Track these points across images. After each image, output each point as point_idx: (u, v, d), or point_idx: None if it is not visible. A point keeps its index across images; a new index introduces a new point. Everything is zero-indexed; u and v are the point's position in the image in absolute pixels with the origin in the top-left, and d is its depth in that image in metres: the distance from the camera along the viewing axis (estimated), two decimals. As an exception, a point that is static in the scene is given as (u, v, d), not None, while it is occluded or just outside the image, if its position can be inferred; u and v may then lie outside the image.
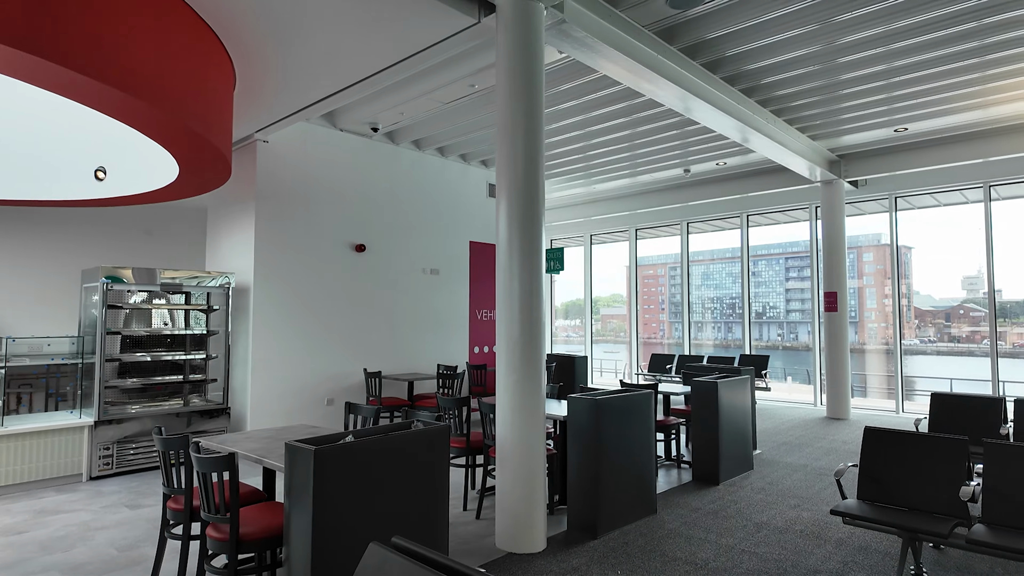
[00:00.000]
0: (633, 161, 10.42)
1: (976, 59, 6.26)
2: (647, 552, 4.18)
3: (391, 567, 1.76)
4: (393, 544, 1.80)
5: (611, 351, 17.36)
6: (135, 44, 3.72)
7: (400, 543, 1.79)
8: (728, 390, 6.17)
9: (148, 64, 3.81)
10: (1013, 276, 10.72)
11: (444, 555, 1.66)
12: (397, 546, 1.80)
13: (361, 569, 1.81)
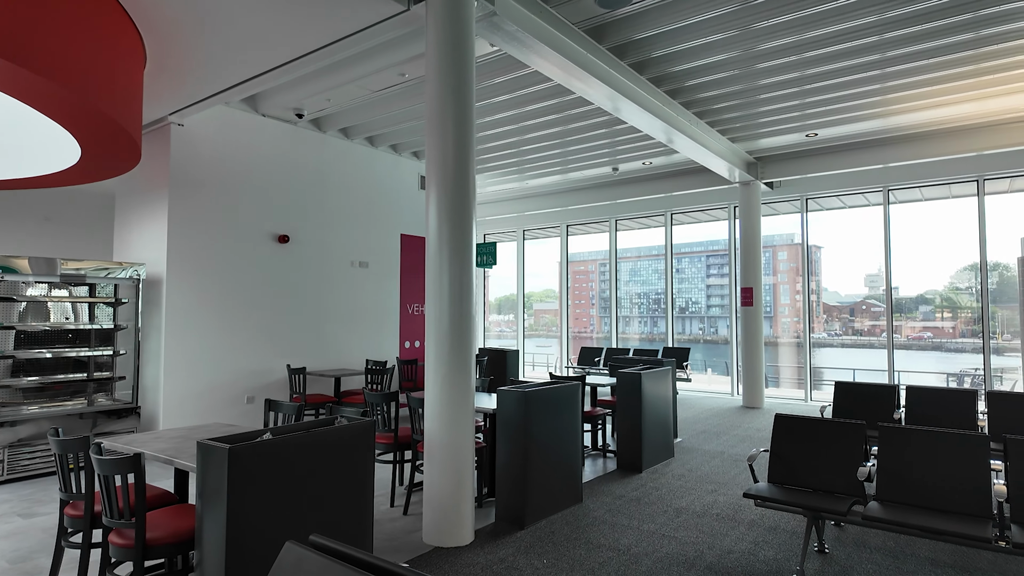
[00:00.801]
0: (565, 158, 10.57)
1: (877, 71, 6.74)
2: (572, 540, 4.27)
3: (308, 565, 1.71)
4: (311, 542, 1.75)
5: (543, 345, 17.59)
6: (30, 14, 3.40)
7: (318, 540, 1.74)
8: (651, 381, 6.38)
9: (45, 36, 3.50)
10: (908, 274, 11.70)
11: (365, 551, 1.62)
12: (315, 544, 1.74)
13: (276, 569, 1.74)
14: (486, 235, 15.51)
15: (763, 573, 3.74)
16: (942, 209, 10.85)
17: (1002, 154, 8.98)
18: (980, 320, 9.78)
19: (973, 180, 9.52)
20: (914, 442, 3.81)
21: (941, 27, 5.71)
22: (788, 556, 4.01)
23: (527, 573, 3.73)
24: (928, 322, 19.77)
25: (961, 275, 13.20)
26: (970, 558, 3.99)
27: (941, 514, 3.46)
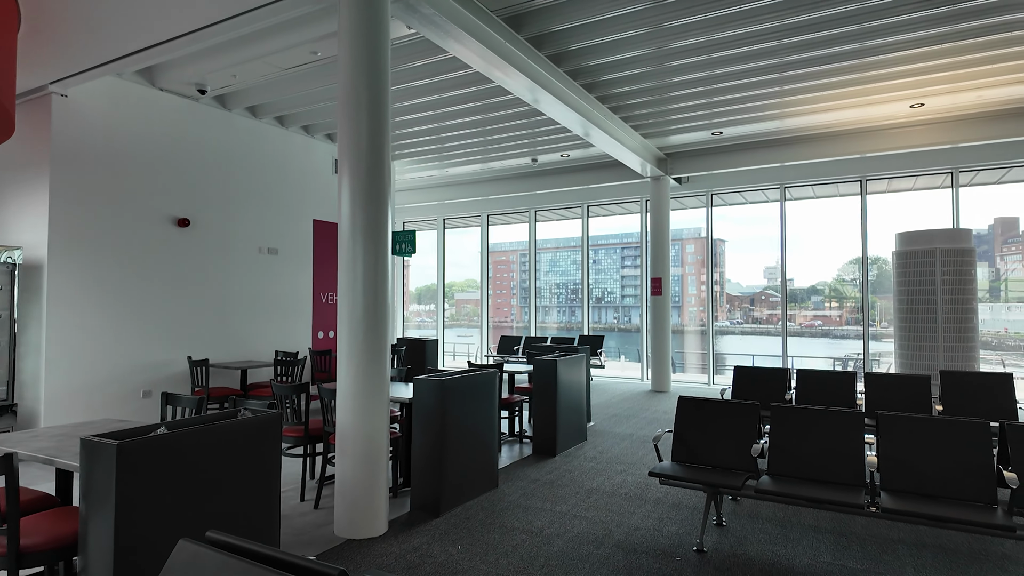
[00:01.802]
0: (485, 147, 10.56)
1: (776, 74, 7.20)
2: (487, 525, 4.32)
3: (204, 563, 1.63)
4: (208, 539, 1.67)
5: (465, 335, 17.58)
6: None
7: (215, 537, 1.66)
8: (566, 368, 6.54)
9: None
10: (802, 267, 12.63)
11: (267, 545, 1.57)
12: (212, 540, 1.66)
13: (168, 569, 1.65)
14: (405, 223, 15.26)
15: (667, 548, 3.95)
16: (831, 207, 11.81)
17: (882, 157, 9.86)
18: (862, 309, 10.75)
19: (857, 180, 10.41)
20: (801, 420, 4.14)
21: (831, 36, 6.18)
22: (690, 530, 4.25)
23: (441, 560, 3.74)
24: (818, 311, 21.53)
25: (847, 268, 14.38)
26: (846, 524, 4.40)
27: (822, 485, 3.79)
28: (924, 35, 6.11)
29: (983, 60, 6.74)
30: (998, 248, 20.89)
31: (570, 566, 3.66)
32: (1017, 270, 19.07)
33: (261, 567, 1.49)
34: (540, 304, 38.93)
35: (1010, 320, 16.71)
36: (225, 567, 1.56)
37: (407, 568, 3.63)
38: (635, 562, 3.72)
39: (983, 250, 20.22)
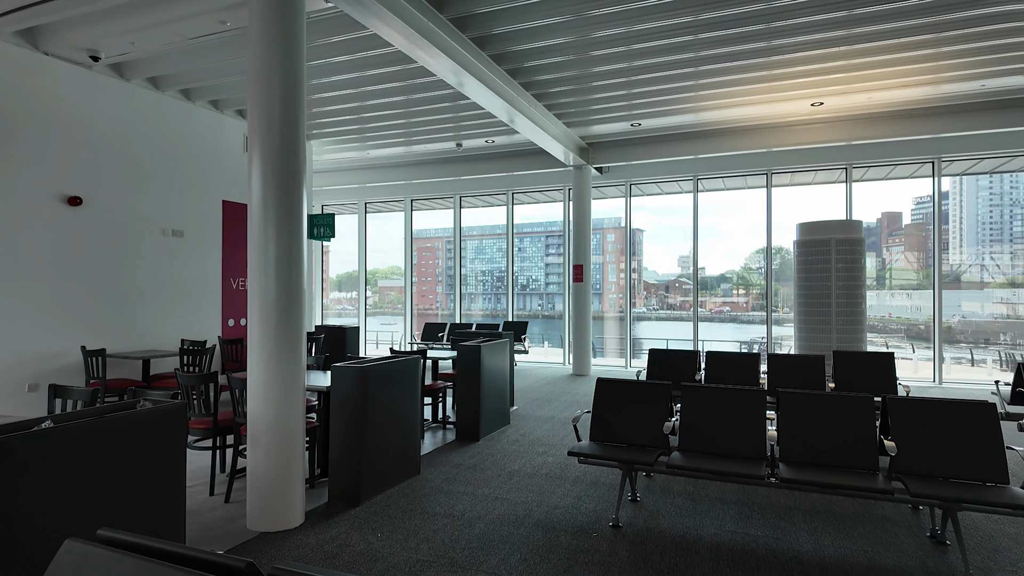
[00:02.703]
0: (408, 130, 10.34)
1: (691, 68, 7.48)
2: (408, 512, 4.28)
3: (94, 562, 1.51)
4: (99, 537, 1.55)
5: (389, 323, 17.29)
6: None
7: (106, 535, 1.55)
8: (490, 353, 6.57)
9: None
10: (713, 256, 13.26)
11: (166, 540, 1.47)
12: (102, 538, 1.55)
13: (53, 570, 1.52)
14: (324, 206, 14.73)
15: (584, 524, 4.07)
16: (740, 198, 12.47)
17: (786, 152, 10.50)
18: (766, 296, 11.47)
19: (763, 173, 11.04)
20: (708, 398, 4.37)
21: (741, 34, 6.48)
22: (607, 507, 4.40)
23: (360, 548, 3.68)
24: (727, 298, 22.80)
25: (754, 257, 15.24)
26: (749, 494, 4.70)
27: (728, 459, 4.03)
28: (822, 37, 6.53)
29: (873, 64, 7.29)
30: (884, 240, 22.89)
31: (491, 547, 3.70)
32: (900, 260, 20.98)
33: (158, 563, 1.40)
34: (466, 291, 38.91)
35: (893, 306, 18.40)
36: (117, 566, 1.46)
37: (325, 558, 3.54)
38: (554, 540, 3.81)
39: (871, 241, 22.06)
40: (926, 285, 10.33)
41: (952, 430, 3.71)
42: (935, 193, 10.12)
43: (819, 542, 3.78)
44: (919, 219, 17.57)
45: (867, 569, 3.41)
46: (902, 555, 3.59)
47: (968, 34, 6.42)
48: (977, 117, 8.73)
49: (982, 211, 25.64)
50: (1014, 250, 14.14)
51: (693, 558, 3.56)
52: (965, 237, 25.34)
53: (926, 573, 3.36)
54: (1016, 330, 11.29)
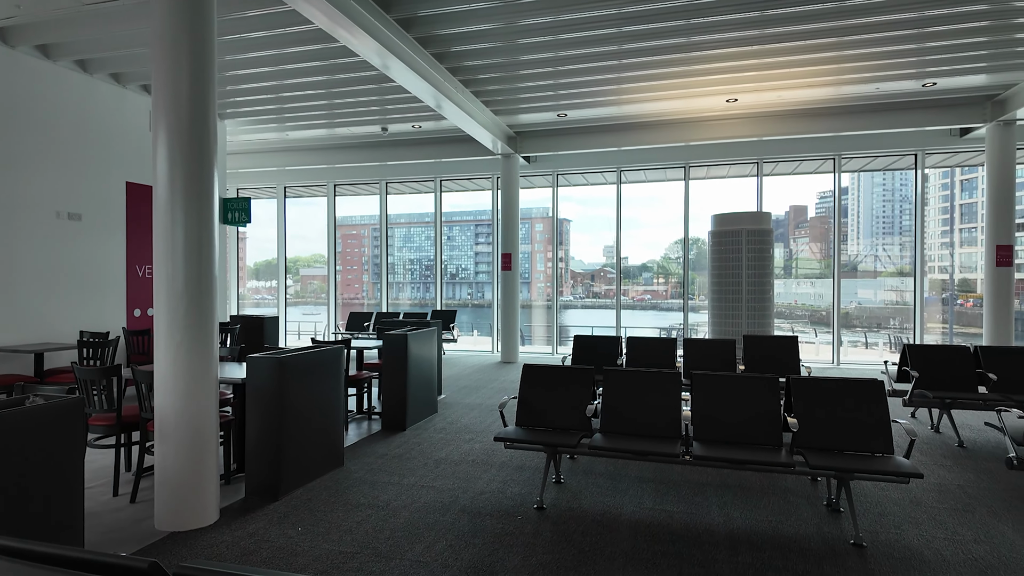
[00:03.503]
0: (331, 112, 9.99)
1: (615, 61, 7.63)
2: (330, 504, 4.19)
3: (-30, 572, 1.38)
4: (-25, 544, 1.42)
5: (312, 313, 16.76)
6: None
7: (-10, 541, 1.42)
8: (417, 342, 6.50)
9: None
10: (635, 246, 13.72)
11: (58, 544, 1.37)
12: (-13, 545, 1.42)
13: (-81, 584, 1.38)
14: (240, 189, 14.02)
15: (510, 508, 4.13)
16: (660, 190, 12.90)
17: (703, 146, 10.96)
18: (683, 284, 11.97)
19: (681, 167, 11.48)
20: (629, 381, 4.53)
21: (662, 29, 6.68)
22: (531, 490, 4.48)
23: (280, 543, 3.57)
24: (648, 286, 23.71)
25: (673, 247, 15.82)
26: (666, 472, 4.92)
27: (646, 438, 4.19)
28: (737, 36, 6.84)
29: (783, 64, 7.72)
30: (792, 231, 24.45)
31: (416, 535, 3.68)
32: (805, 251, 22.47)
33: (52, 570, 1.30)
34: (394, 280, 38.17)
35: (799, 293, 19.72)
36: (6, 575, 1.34)
37: (241, 555, 3.41)
38: (479, 524, 3.84)
39: (780, 233, 23.53)
40: (827, 274, 11.11)
41: (846, 406, 4.03)
42: (835, 188, 10.89)
43: (729, 515, 4.02)
44: (823, 212, 18.72)
45: (771, 538, 3.66)
46: (802, 523, 3.88)
47: (864, 40, 6.91)
48: (872, 118, 9.44)
49: (876, 206, 27.88)
50: (903, 242, 15.44)
51: (613, 535, 3.69)
52: (862, 229, 27.49)
53: (822, 538, 3.65)
54: (904, 315, 12.31)
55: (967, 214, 24.47)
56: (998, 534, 3.71)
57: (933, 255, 20.50)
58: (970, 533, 3.72)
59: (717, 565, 3.30)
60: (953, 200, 24.07)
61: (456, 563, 3.33)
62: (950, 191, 23.91)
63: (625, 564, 3.31)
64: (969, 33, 6.75)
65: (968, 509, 4.11)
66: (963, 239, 21.60)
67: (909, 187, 10.90)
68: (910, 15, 6.28)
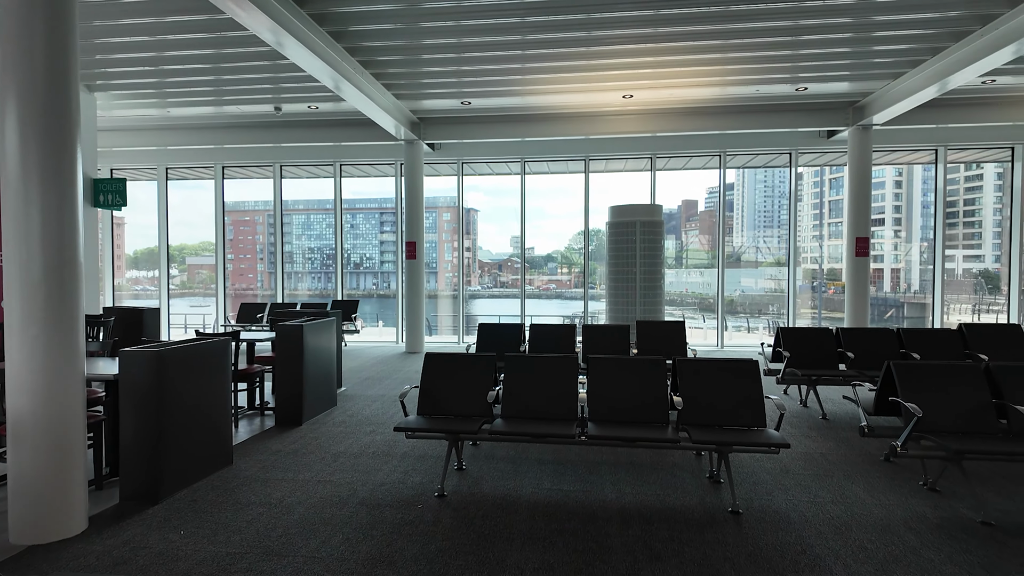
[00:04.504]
0: (219, 88, 9.33)
1: (518, 51, 7.69)
2: (218, 505, 3.96)
3: None
4: None
5: (201, 305, 15.73)
6: None
7: None
8: (313, 333, 6.26)
9: None
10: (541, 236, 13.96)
11: None
12: None
13: None
14: (114, 170, 12.79)
15: (410, 497, 4.10)
16: (563, 182, 13.21)
17: (602, 140, 11.32)
18: (583, 273, 12.37)
19: (581, 159, 11.82)
20: (529, 366, 4.62)
21: (564, 22, 6.81)
22: (433, 478, 4.47)
23: (159, 549, 3.32)
24: (553, 276, 24.34)
25: (576, 238, 16.25)
26: (564, 453, 5.08)
27: (545, 421, 4.31)
28: (634, 33, 7.11)
29: (675, 63, 8.13)
30: (684, 224, 25.99)
31: (310, 531, 3.57)
32: (695, 243, 23.95)
33: None
34: (292, 270, 36.46)
35: (690, 282, 21.01)
36: None
37: (114, 565, 3.15)
38: (378, 516, 3.78)
39: (673, 225, 24.95)
40: (714, 264, 11.89)
41: (725, 385, 4.35)
42: (721, 184, 11.65)
43: (621, 491, 4.22)
44: (711, 207, 19.95)
45: (659, 510, 3.89)
46: (686, 495, 4.15)
47: (746, 44, 7.43)
48: (752, 118, 10.18)
49: (758, 201, 30.22)
50: (780, 234, 16.74)
51: (512, 517, 3.76)
52: (745, 223, 29.71)
53: (704, 508, 3.92)
54: (781, 302, 13.42)
55: (835, 210, 27.10)
56: (852, 495, 4.16)
57: (806, 247, 22.56)
58: (829, 495, 4.15)
59: (609, 539, 3.47)
60: (823, 197, 26.53)
61: (353, 556, 3.26)
62: (820, 188, 26.36)
63: (523, 544, 3.39)
64: (835, 43, 7.44)
65: (828, 474, 4.58)
66: (831, 232, 23.89)
67: (786, 184, 11.86)
68: (785, 23, 6.82)
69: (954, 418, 4.14)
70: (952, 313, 15.57)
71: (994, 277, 17.23)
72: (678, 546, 3.38)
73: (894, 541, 3.44)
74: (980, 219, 25.79)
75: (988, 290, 16.55)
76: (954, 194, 26.09)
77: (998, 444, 3.81)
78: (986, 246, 25.27)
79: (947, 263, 11.41)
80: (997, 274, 15.34)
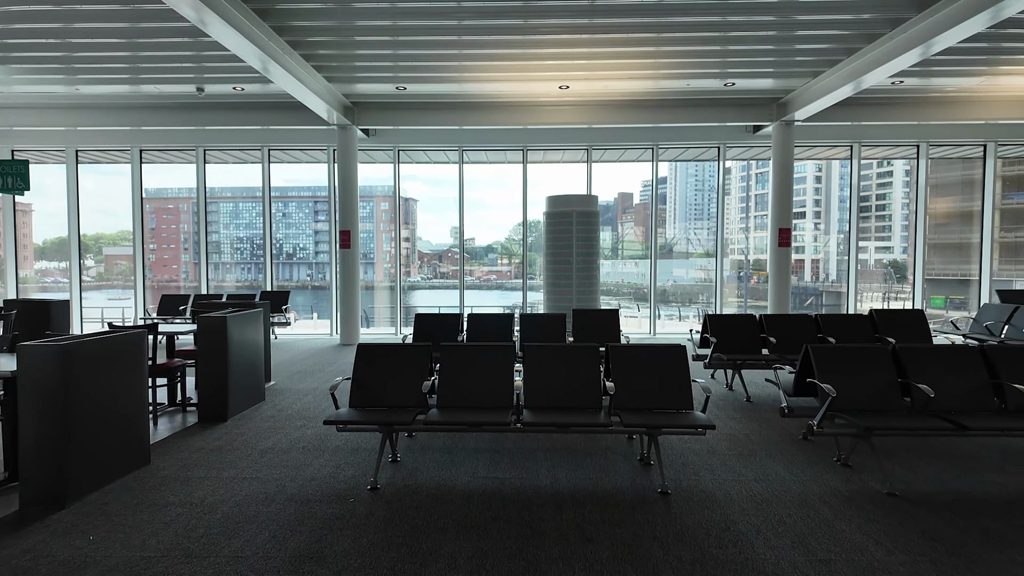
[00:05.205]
0: (135, 65, 8.72)
1: (455, 37, 7.57)
2: (132, 506, 3.72)
3: None
4: None
5: (120, 298, 14.80)
6: None
7: None
8: (239, 326, 5.99)
9: None
10: (481, 227, 13.86)
11: None
12: None
13: None
14: (15, 151, 11.77)
15: (342, 491, 3.99)
16: (502, 172, 13.19)
17: (539, 130, 11.35)
18: (522, 263, 12.42)
19: (519, 149, 11.82)
20: (466, 356, 4.58)
21: (501, 8, 6.75)
22: (367, 471, 4.37)
23: (65, 556, 3.09)
24: (493, 267, 24.34)
25: (516, 229, 16.27)
26: (501, 441, 5.09)
27: (481, 410, 4.28)
28: (570, 23, 7.14)
29: (609, 55, 8.23)
30: (620, 217, 26.54)
31: (234, 530, 3.41)
32: (631, 234, 24.50)
33: None
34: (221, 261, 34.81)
35: (625, 272, 21.51)
36: None
37: (12, 575, 2.90)
38: (308, 511, 3.66)
39: (609, 217, 25.44)
40: (648, 255, 12.19)
41: (655, 370, 4.46)
42: (653, 176, 11.95)
43: (555, 476, 4.27)
44: (646, 199, 20.40)
45: (592, 493, 3.95)
46: (619, 477, 4.24)
47: (677, 38, 7.61)
48: (684, 112, 10.47)
49: (690, 194, 31.20)
50: (709, 226, 17.31)
51: (447, 507, 3.73)
52: (677, 215, 30.63)
53: (635, 490, 4.02)
54: (710, 291, 13.92)
55: (760, 203, 28.41)
56: (772, 472, 4.37)
57: (733, 238, 23.52)
58: (751, 473, 4.34)
59: (543, 524, 3.49)
60: (749, 191, 27.68)
61: (279, 554, 3.14)
62: (747, 183, 27.52)
63: (457, 534, 3.37)
64: (760, 41, 7.73)
65: (751, 454, 4.79)
66: (757, 225, 24.97)
67: (715, 178, 12.29)
68: (714, 19, 7.02)
69: (865, 397, 4.41)
70: (865, 300, 16.66)
71: (902, 267, 18.51)
72: (610, 528, 3.44)
73: (810, 515, 3.64)
74: (890, 213, 27.65)
75: (896, 279, 17.84)
76: (867, 189, 27.86)
77: (902, 420, 4.09)
78: (895, 238, 27.13)
79: (861, 254, 12.16)
80: (904, 264, 16.52)
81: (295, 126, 10.94)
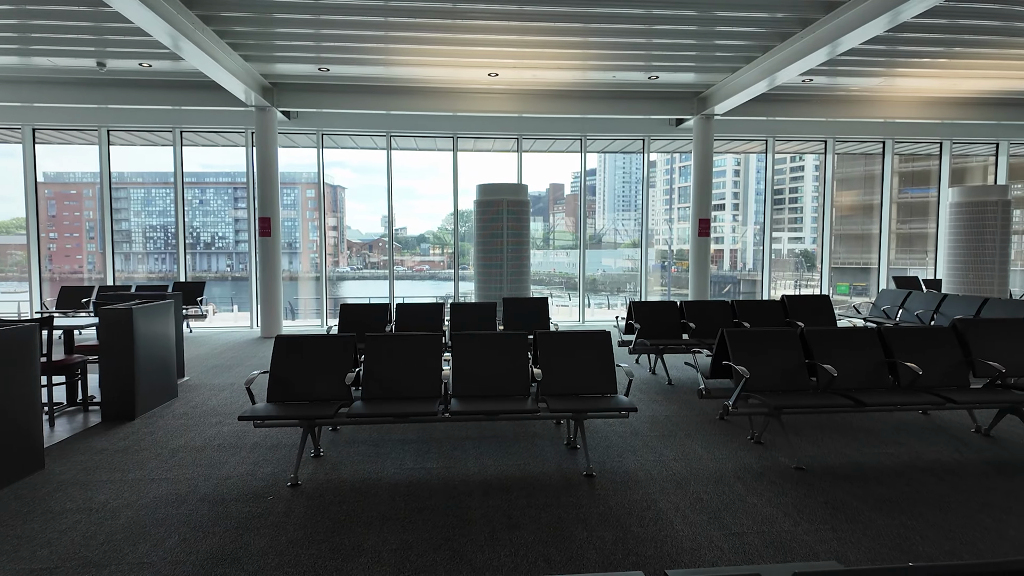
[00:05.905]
0: (25, 35, 7.93)
1: (381, 18, 7.34)
2: (22, 515, 3.41)
3: None
4: None
5: (16, 290, 13.56)
6: None
7: None
8: (146, 319, 5.60)
9: None
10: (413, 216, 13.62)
11: None
12: None
13: None
14: None
15: (260, 489, 3.82)
16: (435, 160, 13.01)
17: (469, 117, 11.24)
18: (454, 252, 12.32)
19: (450, 136, 11.68)
20: (392, 346, 4.48)
21: (425, -7, 6.60)
22: (287, 468, 4.20)
23: (-62, 575, 2.80)
24: (425, 257, 24.05)
25: (449, 218, 16.12)
26: (429, 431, 5.03)
27: (408, 401, 4.21)
28: (499, 9, 7.08)
29: (538, 44, 8.24)
30: (551, 207, 26.85)
31: (140, 535, 3.19)
32: (561, 225, 24.86)
33: None
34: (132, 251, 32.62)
35: (557, 262, 21.80)
36: None
37: None
38: (223, 511, 3.48)
39: (541, 207, 25.68)
40: (578, 245, 12.38)
41: (581, 356, 4.53)
42: (582, 166, 12.12)
43: (484, 464, 4.26)
44: (576, 190, 20.75)
45: (520, 479, 3.97)
46: (546, 462, 4.28)
47: (604, 29, 7.70)
48: (611, 103, 10.66)
49: (617, 186, 31.97)
50: (636, 217, 17.79)
51: (371, 500, 3.65)
52: (607, 206, 31.34)
53: (561, 474, 4.07)
54: (636, 280, 14.33)
55: (683, 195, 29.50)
56: (691, 452, 4.54)
57: (658, 229, 24.32)
58: (671, 453, 4.50)
59: (470, 512, 3.48)
60: (672, 183, 28.64)
61: (190, 557, 2.97)
62: (671, 176, 28.47)
63: (382, 526, 3.30)
64: (683, 35, 7.96)
65: (671, 434, 4.97)
66: (680, 216, 25.89)
67: (643, 170, 12.61)
68: (639, 11, 7.16)
69: (776, 378, 4.66)
70: (778, 288, 17.69)
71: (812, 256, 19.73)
72: (535, 512, 3.47)
73: (725, 491, 3.81)
74: (802, 205, 29.36)
75: (807, 267, 19.00)
76: (781, 183, 29.47)
77: (809, 399, 4.34)
78: (806, 229, 28.85)
79: (775, 244, 12.86)
80: (813, 254, 17.62)
81: (210, 107, 10.30)
